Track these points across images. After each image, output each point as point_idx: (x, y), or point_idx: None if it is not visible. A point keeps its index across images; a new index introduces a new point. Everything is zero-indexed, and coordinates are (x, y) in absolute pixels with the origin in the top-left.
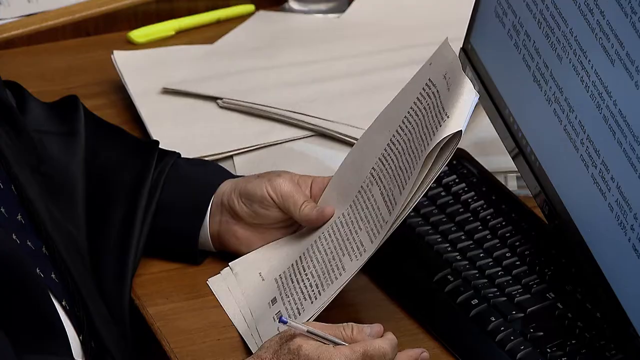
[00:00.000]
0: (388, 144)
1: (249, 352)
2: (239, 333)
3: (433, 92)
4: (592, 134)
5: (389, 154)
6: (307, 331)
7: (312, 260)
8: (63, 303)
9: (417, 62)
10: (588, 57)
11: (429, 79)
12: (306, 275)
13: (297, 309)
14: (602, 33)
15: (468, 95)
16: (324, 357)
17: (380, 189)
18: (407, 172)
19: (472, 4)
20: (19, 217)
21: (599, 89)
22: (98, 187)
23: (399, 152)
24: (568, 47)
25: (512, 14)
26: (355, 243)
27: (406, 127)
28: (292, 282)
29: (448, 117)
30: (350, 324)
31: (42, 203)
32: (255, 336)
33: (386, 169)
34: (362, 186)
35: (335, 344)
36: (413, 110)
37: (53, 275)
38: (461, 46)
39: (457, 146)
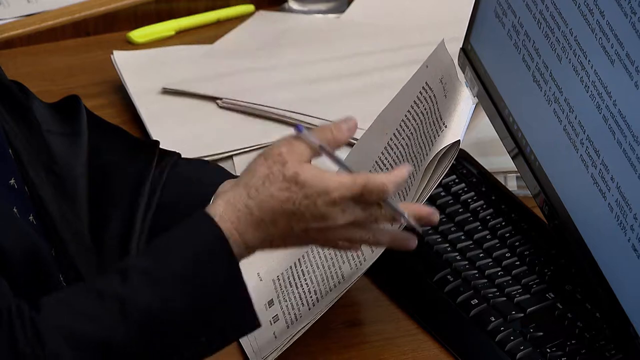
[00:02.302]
0: (385, 147)
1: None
2: None
3: (430, 96)
4: (592, 134)
5: (386, 158)
6: (320, 146)
7: (311, 265)
8: None
9: (416, 62)
10: (588, 57)
11: (426, 82)
12: (305, 280)
13: (295, 314)
14: (602, 33)
15: (465, 103)
16: (321, 187)
17: None
18: (407, 180)
19: (472, 4)
20: (30, 217)
21: (598, 89)
22: (99, 188)
23: (397, 156)
24: (568, 47)
25: (512, 14)
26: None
27: (404, 131)
28: (290, 286)
29: (446, 126)
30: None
31: (54, 203)
32: (251, 337)
33: None
34: None
35: (344, 168)
36: (410, 114)
37: (61, 278)
38: (461, 46)
39: (456, 153)
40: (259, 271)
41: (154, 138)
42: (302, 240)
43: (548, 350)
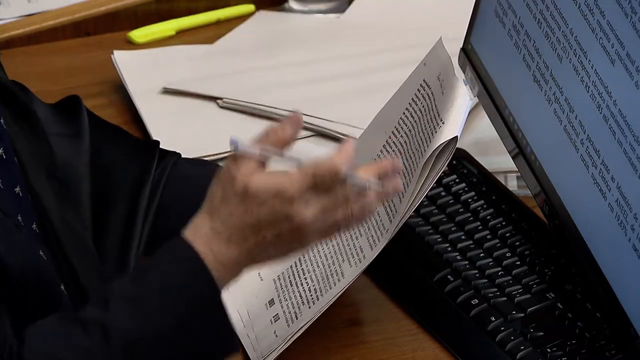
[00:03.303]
0: (384, 145)
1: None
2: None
3: (428, 94)
4: (592, 134)
5: (385, 156)
6: (260, 152)
7: (311, 264)
8: None
9: (416, 62)
10: (588, 57)
11: (424, 80)
12: (305, 279)
13: (295, 312)
14: (602, 33)
15: (462, 100)
16: (273, 190)
17: None
18: (405, 178)
19: (472, 4)
20: (34, 226)
21: (599, 89)
22: (100, 188)
23: (395, 154)
24: (568, 47)
25: (512, 14)
26: (355, 249)
27: (402, 129)
28: (291, 285)
29: (443, 123)
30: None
31: (56, 210)
32: (252, 336)
33: None
34: None
35: (294, 162)
36: (408, 111)
37: (62, 287)
38: (461, 46)
39: (454, 150)
40: (260, 271)
41: (154, 138)
42: (284, 246)
43: (548, 350)
